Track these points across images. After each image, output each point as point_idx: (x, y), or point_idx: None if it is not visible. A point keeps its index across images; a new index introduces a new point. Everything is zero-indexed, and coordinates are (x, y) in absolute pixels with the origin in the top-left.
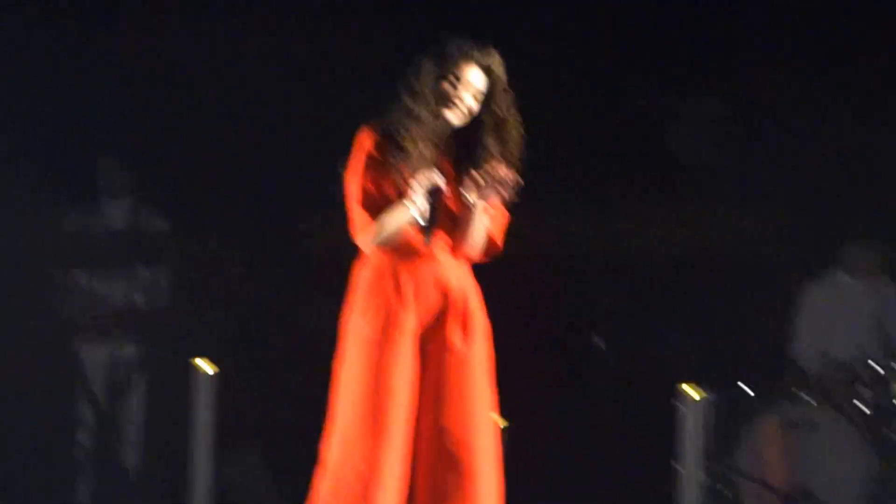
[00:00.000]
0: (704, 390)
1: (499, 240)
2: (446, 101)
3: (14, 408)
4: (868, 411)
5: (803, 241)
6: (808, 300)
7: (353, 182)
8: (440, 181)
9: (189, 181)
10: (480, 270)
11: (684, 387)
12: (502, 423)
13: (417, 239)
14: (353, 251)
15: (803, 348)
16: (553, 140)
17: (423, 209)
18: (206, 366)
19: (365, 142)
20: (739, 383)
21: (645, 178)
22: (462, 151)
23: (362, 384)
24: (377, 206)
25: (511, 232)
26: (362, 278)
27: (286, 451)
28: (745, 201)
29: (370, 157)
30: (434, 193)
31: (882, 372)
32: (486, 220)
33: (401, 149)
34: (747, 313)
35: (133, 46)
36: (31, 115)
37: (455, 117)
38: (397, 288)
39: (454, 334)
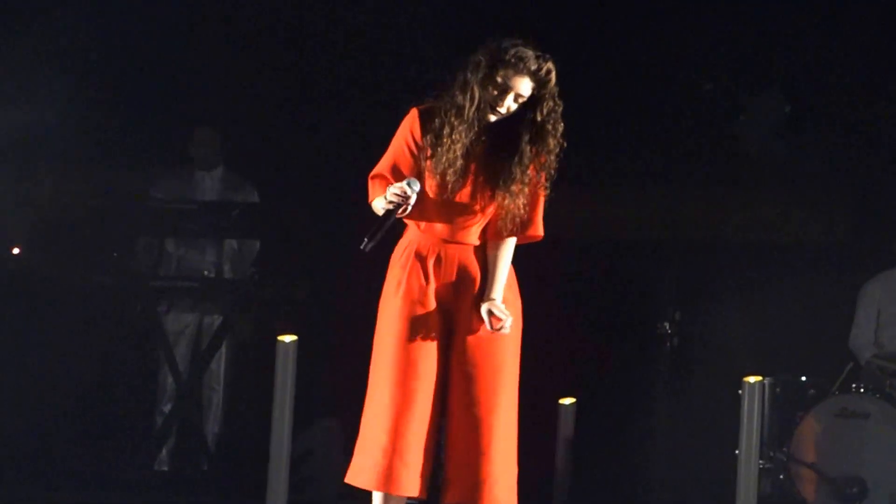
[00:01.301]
0: (764, 376)
1: (538, 229)
2: (491, 103)
3: (102, 372)
4: None
5: (862, 236)
6: (866, 294)
7: (385, 155)
8: (405, 198)
9: (278, 155)
10: (553, 255)
11: (748, 378)
12: (569, 401)
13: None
14: None
15: (863, 342)
16: (628, 129)
17: (382, 210)
18: (288, 336)
19: (408, 122)
20: (800, 375)
21: (713, 171)
22: (498, 140)
23: (389, 359)
24: (382, 184)
25: (583, 217)
26: (396, 255)
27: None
28: (807, 197)
29: (406, 138)
30: (392, 211)
31: None
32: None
33: (437, 135)
34: (806, 305)
35: (231, 21)
36: (127, 89)
37: (495, 117)
38: (423, 267)
39: (476, 314)
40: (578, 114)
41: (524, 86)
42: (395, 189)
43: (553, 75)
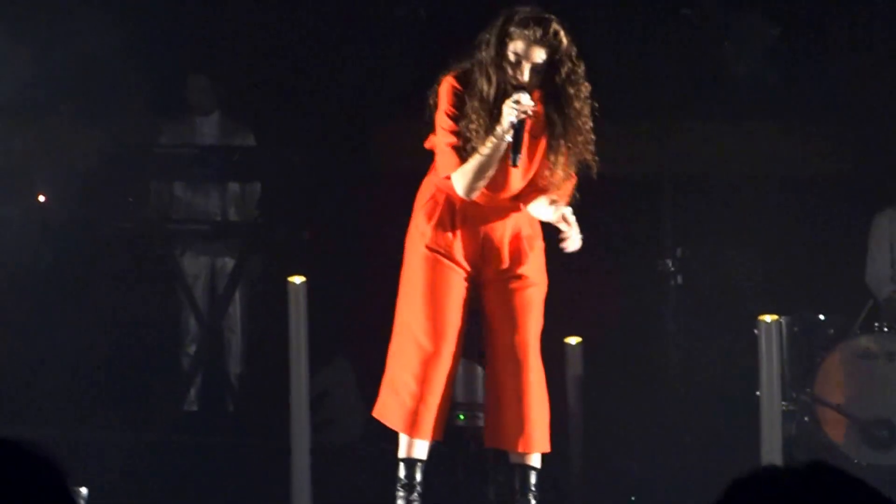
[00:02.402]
0: (781, 315)
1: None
2: (510, 81)
3: (128, 316)
4: None
5: (871, 165)
6: (877, 228)
7: (441, 126)
8: (529, 106)
9: (275, 97)
10: None
11: (764, 317)
12: (575, 340)
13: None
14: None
15: (880, 278)
16: (611, 60)
17: (509, 129)
18: (297, 277)
19: (446, 91)
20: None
21: (704, 101)
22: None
23: (417, 303)
24: (461, 148)
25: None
26: (421, 200)
27: (376, 359)
28: (806, 125)
29: (451, 106)
30: (522, 122)
31: None
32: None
33: (470, 120)
34: (825, 242)
35: None
36: (127, 34)
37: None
38: (451, 214)
39: (500, 265)
40: None
41: (536, 54)
42: (511, 104)
43: (562, 36)
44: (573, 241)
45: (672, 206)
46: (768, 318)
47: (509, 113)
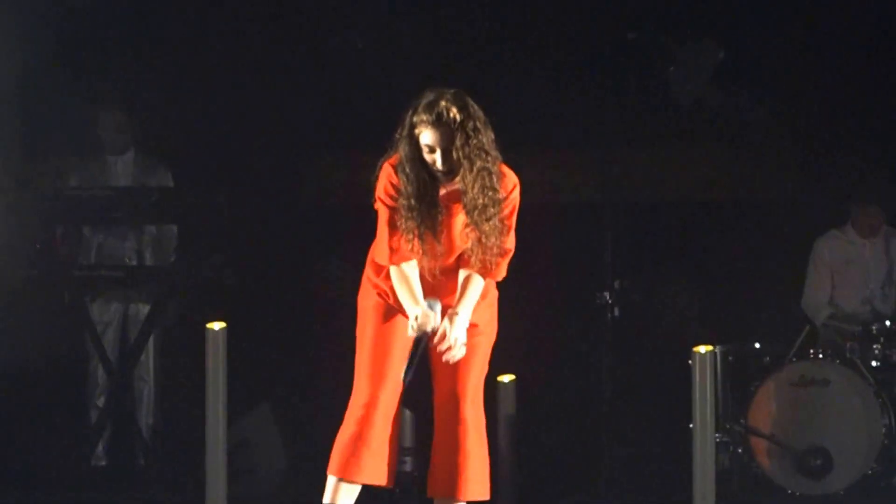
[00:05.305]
0: (715, 345)
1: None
2: (426, 165)
3: (33, 366)
4: (878, 366)
5: (812, 192)
6: (816, 253)
7: (380, 216)
8: (424, 325)
9: (192, 135)
10: None
11: (698, 348)
12: (508, 378)
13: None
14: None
15: (817, 303)
16: (551, 85)
17: (411, 336)
18: (217, 323)
19: (385, 179)
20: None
21: (646, 126)
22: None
23: (365, 346)
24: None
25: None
26: (373, 256)
27: (296, 406)
28: (749, 151)
29: (389, 197)
30: (421, 339)
31: (891, 326)
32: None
33: (398, 202)
34: (759, 269)
35: None
36: (34, 76)
37: (437, 174)
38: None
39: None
40: (500, 72)
41: (440, 138)
42: (416, 315)
43: (454, 112)
44: (450, 351)
45: (611, 235)
46: (703, 349)
47: (410, 327)
